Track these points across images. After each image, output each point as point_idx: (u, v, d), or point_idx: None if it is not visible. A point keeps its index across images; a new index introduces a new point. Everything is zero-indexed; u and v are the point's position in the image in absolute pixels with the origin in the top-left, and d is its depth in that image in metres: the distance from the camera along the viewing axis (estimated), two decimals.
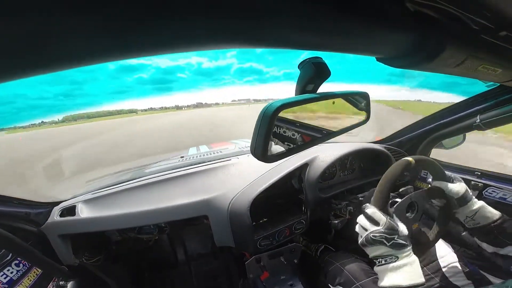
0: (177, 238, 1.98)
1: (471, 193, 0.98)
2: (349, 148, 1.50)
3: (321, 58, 0.56)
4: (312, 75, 0.56)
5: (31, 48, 0.22)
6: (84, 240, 1.39)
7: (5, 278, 1.17)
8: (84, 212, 1.30)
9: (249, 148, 0.57)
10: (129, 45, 0.27)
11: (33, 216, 1.28)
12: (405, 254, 0.80)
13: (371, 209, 0.87)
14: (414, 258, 0.81)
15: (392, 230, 0.81)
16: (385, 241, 0.80)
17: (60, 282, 1.37)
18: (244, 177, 1.36)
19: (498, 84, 1.11)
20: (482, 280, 1.01)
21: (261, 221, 1.34)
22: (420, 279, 0.78)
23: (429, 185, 1.06)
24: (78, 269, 1.40)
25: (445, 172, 1.02)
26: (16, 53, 0.22)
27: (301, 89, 0.59)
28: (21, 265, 1.25)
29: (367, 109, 0.83)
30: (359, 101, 0.83)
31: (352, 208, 1.33)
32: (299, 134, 0.62)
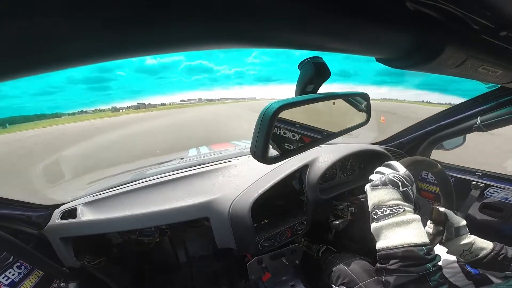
0: (178, 240, 1.98)
1: (467, 229, 0.97)
2: (350, 149, 1.50)
3: (321, 58, 0.56)
4: (312, 75, 0.56)
5: (31, 48, 0.22)
6: (85, 242, 1.39)
7: (6, 280, 1.17)
8: (84, 215, 1.30)
9: (249, 150, 0.57)
10: (129, 44, 0.27)
11: (34, 219, 1.28)
12: (411, 209, 0.73)
13: (394, 161, 0.86)
14: (418, 216, 0.73)
15: (410, 179, 0.78)
16: (400, 185, 0.75)
17: (62, 284, 1.37)
18: (244, 178, 1.36)
19: (499, 86, 1.11)
20: (482, 280, 1.01)
21: (262, 223, 1.34)
22: (427, 239, 0.69)
23: (435, 206, 1.06)
24: (80, 271, 1.40)
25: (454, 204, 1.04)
26: (16, 53, 0.22)
27: (301, 90, 0.59)
28: (22, 267, 1.25)
29: (367, 110, 0.83)
30: (359, 102, 0.83)
31: (353, 209, 1.32)
32: (299, 136, 0.62)
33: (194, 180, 1.44)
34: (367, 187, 0.83)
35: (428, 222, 1.02)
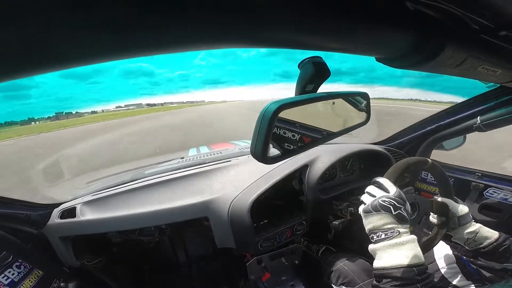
0: (178, 240, 1.98)
1: (471, 216, 0.99)
2: (350, 149, 1.50)
3: (321, 57, 0.56)
4: (312, 75, 0.56)
5: (31, 48, 0.22)
6: (85, 241, 1.39)
7: (6, 280, 1.17)
8: (84, 214, 1.30)
9: (249, 149, 0.56)
10: (129, 44, 0.27)
11: (33, 218, 1.28)
12: (406, 230, 0.76)
13: (382, 179, 0.85)
14: (414, 237, 0.76)
15: (401, 199, 0.79)
16: (392, 209, 0.76)
17: (61, 284, 1.37)
18: (244, 178, 1.36)
19: (499, 85, 1.11)
20: (482, 280, 1.01)
21: (261, 223, 1.34)
22: (422, 259, 0.73)
23: (435, 198, 1.06)
24: (79, 271, 1.40)
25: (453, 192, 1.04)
26: (16, 53, 0.22)
27: (301, 89, 0.59)
28: (22, 267, 1.25)
29: (367, 110, 0.83)
30: (359, 101, 0.82)
31: (353, 209, 1.33)
32: (299, 135, 0.62)
33: (194, 180, 1.44)
34: (361, 211, 0.85)
35: (431, 214, 1.03)
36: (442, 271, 1.10)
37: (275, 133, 0.55)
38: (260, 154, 0.50)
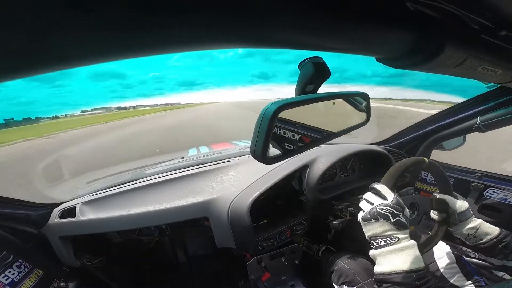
0: (178, 240, 1.98)
1: (471, 212, 0.99)
2: (349, 150, 1.50)
3: (321, 58, 0.56)
4: (312, 75, 0.56)
5: (31, 48, 0.22)
6: (85, 241, 1.39)
7: (6, 279, 1.17)
8: (84, 214, 1.30)
9: (249, 149, 0.57)
10: (129, 44, 0.27)
11: (33, 218, 1.28)
12: (405, 236, 0.78)
13: (379, 185, 0.86)
14: (413, 242, 0.78)
15: (399, 206, 0.80)
16: (390, 217, 0.78)
17: (61, 284, 1.37)
18: (244, 178, 1.36)
19: (499, 85, 1.11)
20: (482, 281, 1.01)
21: (261, 223, 1.34)
22: (421, 263, 0.75)
23: (434, 195, 1.06)
24: (79, 271, 1.40)
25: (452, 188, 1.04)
26: (16, 53, 0.22)
27: (301, 90, 0.59)
28: (22, 266, 1.25)
29: (367, 110, 0.83)
30: (359, 101, 0.82)
31: (353, 209, 1.33)
32: (299, 136, 0.62)
33: (194, 180, 1.44)
34: (360, 219, 0.86)
35: (432, 212, 1.04)
36: (442, 271, 1.10)
37: (275, 133, 0.55)
38: (260, 154, 0.50)
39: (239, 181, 1.36)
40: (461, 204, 0.98)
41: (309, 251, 1.61)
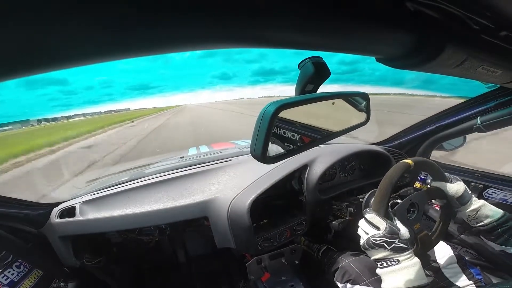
0: (177, 240, 1.98)
1: (470, 192, 0.99)
2: (349, 150, 1.50)
3: (321, 57, 0.56)
4: (312, 75, 0.56)
5: (31, 47, 0.22)
6: (84, 241, 1.39)
7: (6, 279, 1.17)
8: (83, 213, 1.30)
9: (249, 149, 0.57)
10: (129, 44, 0.27)
11: (32, 217, 1.28)
12: (406, 257, 0.81)
13: (370, 214, 0.88)
14: (415, 261, 0.82)
15: (392, 234, 0.82)
16: (385, 245, 0.81)
17: (61, 284, 1.37)
18: (244, 178, 1.36)
19: (499, 86, 1.11)
20: (483, 281, 1.01)
21: (261, 223, 1.34)
22: (423, 280, 0.79)
23: (428, 186, 1.06)
24: (79, 271, 1.40)
25: (444, 173, 1.03)
26: (17, 52, 0.22)
27: (300, 89, 0.59)
28: (22, 266, 1.25)
29: (367, 110, 0.83)
30: (359, 101, 0.83)
31: (352, 209, 1.33)
32: (299, 135, 0.62)
33: (194, 180, 1.44)
34: (362, 246, 0.90)
35: (433, 201, 1.04)
36: (443, 271, 1.10)
37: (275, 133, 0.55)
38: (260, 154, 0.50)
39: (238, 181, 1.35)
40: (457, 188, 0.97)
41: (309, 251, 1.61)
